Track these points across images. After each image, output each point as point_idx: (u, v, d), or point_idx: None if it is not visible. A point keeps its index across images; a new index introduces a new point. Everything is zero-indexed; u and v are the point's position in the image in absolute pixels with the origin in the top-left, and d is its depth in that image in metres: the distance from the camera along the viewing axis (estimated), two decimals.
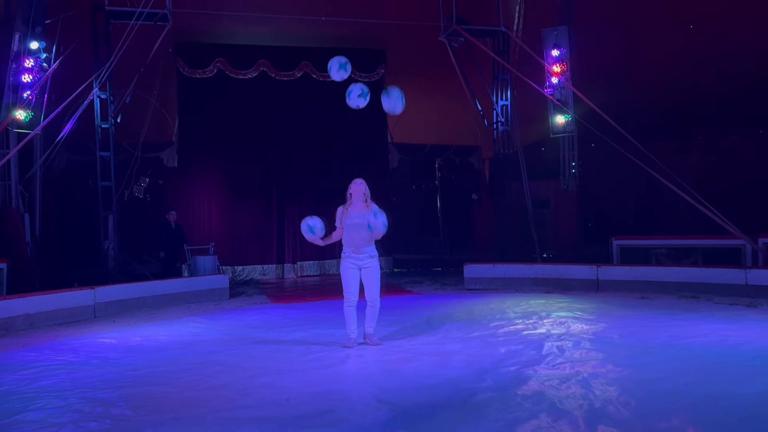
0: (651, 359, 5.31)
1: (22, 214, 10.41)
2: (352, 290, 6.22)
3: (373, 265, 6.25)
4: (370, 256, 6.22)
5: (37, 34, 10.37)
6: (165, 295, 10.07)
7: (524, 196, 13.27)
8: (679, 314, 7.51)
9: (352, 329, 6.31)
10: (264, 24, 14.07)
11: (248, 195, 14.70)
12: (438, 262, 15.84)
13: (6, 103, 10.18)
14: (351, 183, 6.27)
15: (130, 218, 12.89)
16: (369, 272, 6.23)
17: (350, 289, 6.22)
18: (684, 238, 10.92)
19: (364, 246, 6.19)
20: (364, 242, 6.18)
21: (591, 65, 13.51)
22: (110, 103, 11.30)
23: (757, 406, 4.02)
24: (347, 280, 6.23)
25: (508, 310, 8.31)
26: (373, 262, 6.25)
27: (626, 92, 13.65)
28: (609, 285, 10.07)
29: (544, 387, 4.59)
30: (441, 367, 5.33)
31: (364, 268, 6.22)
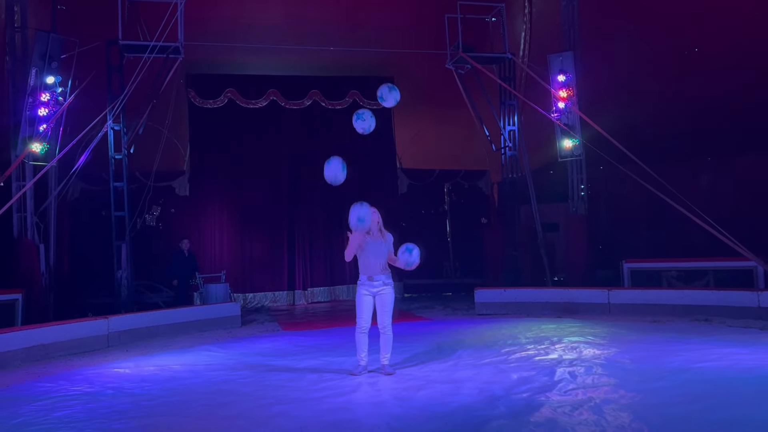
0: (664, 384, 5.30)
1: (37, 245, 10.56)
2: (365, 317, 6.31)
3: (388, 293, 6.34)
4: (384, 283, 6.32)
5: (53, 69, 10.63)
6: (178, 324, 10.13)
7: (534, 220, 13.31)
8: (692, 338, 7.47)
9: (363, 356, 6.40)
10: (274, 54, 14.34)
11: (259, 222, 14.83)
12: (448, 287, 15.85)
13: (22, 137, 10.40)
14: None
15: (143, 247, 13.03)
16: (383, 299, 6.32)
17: (363, 316, 6.32)
18: (695, 260, 10.88)
19: (379, 273, 6.29)
20: (380, 269, 6.29)
21: (597, 89, 13.62)
22: (123, 134, 11.50)
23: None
24: (361, 307, 6.33)
25: (520, 336, 8.30)
26: (388, 289, 6.34)
27: (633, 115, 13.72)
28: (620, 309, 10.04)
29: (556, 414, 4.59)
30: (453, 395, 5.34)
31: (379, 295, 6.31)
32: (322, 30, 14.41)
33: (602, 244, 15.02)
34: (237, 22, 14.18)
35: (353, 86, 15.54)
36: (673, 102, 13.38)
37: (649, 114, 13.74)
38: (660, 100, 13.57)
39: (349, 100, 15.44)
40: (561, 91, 12.68)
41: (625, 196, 14.59)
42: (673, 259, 11.31)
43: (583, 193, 13.54)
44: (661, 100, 13.57)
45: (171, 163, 14.57)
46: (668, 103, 13.46)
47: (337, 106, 15.35)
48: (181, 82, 14.32)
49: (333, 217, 15.11)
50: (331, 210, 15.18)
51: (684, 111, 13.18)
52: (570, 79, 12.69)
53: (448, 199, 16.43)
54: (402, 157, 16.14)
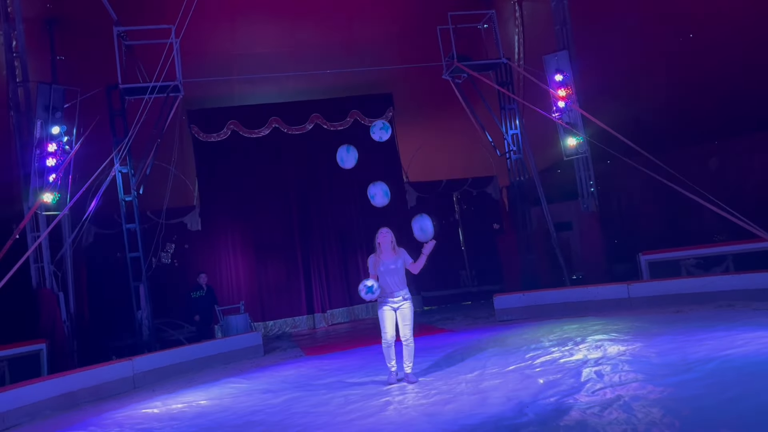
0: (691, 376, 5.24)
1: (56, 294, 10.67)
2: (389, 330, 6.68)
3: (407, 307, 6.71)
4: (403, 298, 6.70)
5: (58, 119, 10.80)
6: (201, 358, 10.18)
7: (546, 221, 13.27)
8: (717, 325, 7.38)
9: (392, 364, 6.80)
10: (272, 83, 14.50)
11: (273, 249, 14.90)
12: (467, 296, 15.79)
13: (33, 188, 10.55)
14: (378, 233, 6.77)
15: (160, 285, 13.11)
16: (403, 313, 6.68)
17: (387, 330, 6.68)
18: (712, 246, 10.77)
19: (398, 289, 6.67)
20: (398, 285, 6.67)
21: (596, 84, 13.62)
22: (131, 176, 11.64)
23: None
24: (384, 322, 6.69)
25: (543, 339, 8.26)
26: (407, 303, 6.71)
27: (635, 106, 13.70)
28: (641, 302, 9.96)
29: (585, 416, 4.56)
30: (481, 405, 5.32)
31: (399, 309, 6.68)
32: (317, 53, 14.58)
33: (617, 239, 14.91)
34: (232, 54, 14.37)
35: (353, 106, 15.66)
36: (673, 89, 13.33)
37: (650, 104, 13.70)
38: (660, 89, 13.53)
39: (350, 120, 15.54)
40: (560, 90, 12.68)
41: (636, 188, 14.53)
42: (690, 246, 11.17)
43: (592, 190, 13.48)
44: (661, 89, 13.53)
45: (181, 199, 14.71)
46: (669, 91, 13.42)
47: (339, 127, 15.45)
48: (183, 119, 14.51)
49: (345, 237, 15.17)
50: (343, 230, 15.26)
51: (685, 96, 13.12)
52: (567, 77, 12.70)
53: (458, 208, 16.43)
54: (408, 170, 16.19)
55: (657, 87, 13.50)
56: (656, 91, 13.57)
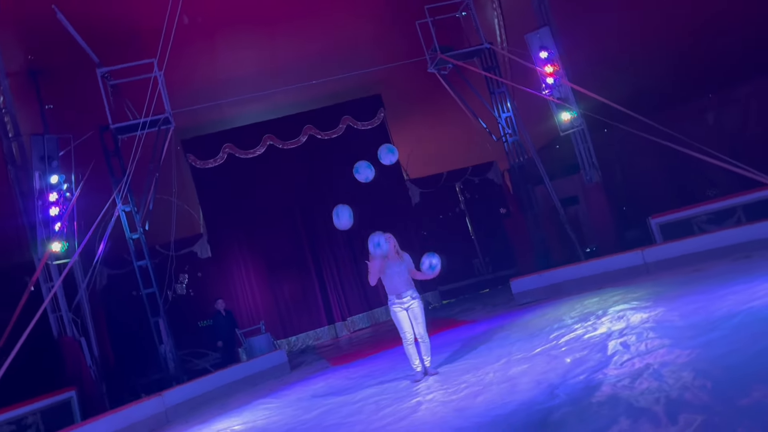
0: (717, 334, 5.20)
1: (78, 340, 10.72)
2: (407, 329, 6.91)
3: (417, 305, 6.94)
4: (412, 297, 6.93)
5: (54, 168, 10.85)
6: (230, 384, 10.23)
7: (551, 198, 13.22)
8: (736, 279, 7.30)
9: (417, 363, 7.01)
10: (261, 101, 14.51)
11: (285, 265, 14.93)
12: (484, 284, 15.77)
13: (40, 239, 10.61)
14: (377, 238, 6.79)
15: (180, 317, 13.17)
16: (414, 311, 6.92)
17: (404, 329, 6.92)
18: (721, 200, 10.66)
19: (405, 290, 6.90)
20: (405, 286, 6.90)
21: (582, 55, 13.56)
22: (135, 213, 11.68)
23: None
24: (399, 323, 6.95)
25: (564, 317, 8.22)
26: (416, 302, 6.95)
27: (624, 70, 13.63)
28: (658, 266, 9.90)
29: (616, 389, 4.54)
30: (511, 393, 5.31)
31: (410, 309, 6.91)
32: (300, 66, 14.57)
33: (625, 205, 14.85)
34: (217, 79, 14.39)
35: (344, 112, 15.67)
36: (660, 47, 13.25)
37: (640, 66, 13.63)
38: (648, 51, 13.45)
39: (342, 126, 15.56)
40: (546, 67, 12.64)
41: (636, 153, 14.44)
42: (698, 204, 11.09)
43: (593, 161, 13.43)
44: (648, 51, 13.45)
45: (187, 228, 14.78)
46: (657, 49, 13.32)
47: (333, 135, 15.47)
48: (178, 149, 14.54)
49: (355, 244, 15.16)
50: (351, 237, 15.24)
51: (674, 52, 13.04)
52: (552, 54, 12.65)
53: (462, 197, 16.41)
54: (407, 168, 16.18)
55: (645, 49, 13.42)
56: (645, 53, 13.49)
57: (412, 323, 6.90)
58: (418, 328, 6.89)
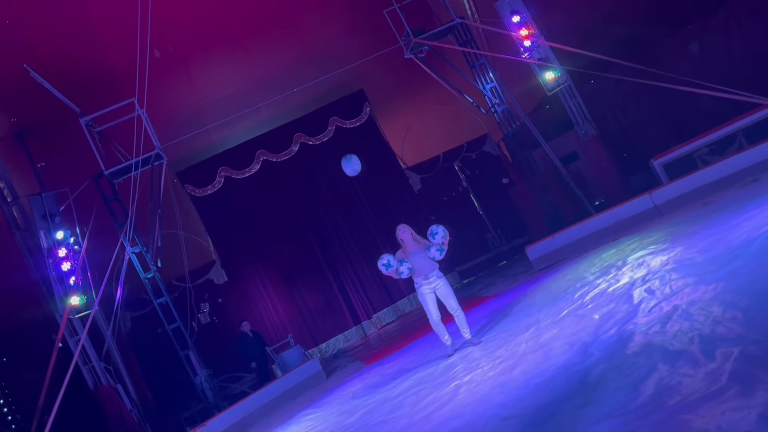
0: (739, 262, 5.15)
1: (114, 387, 10.80)
2: (433, 310, 7.31)
3: (443, 284, 7.31)
4: (437, 277, 7.27)
5: (58, 224, 10.92)
6: (270, 401, 10.28)
7: (551, 159, 13.17)
8: (747, 205, 7.22)
9: (446, 338, 7.49)
10: (248, 118, 14.52)
11: (301, 275, 14.99)
12: (500, 257, 15.75)
13: (59, 296, 10.69)
14: (397, 230, 7.30)
15: (209, 345, 13.25)
16: (442, 290, 7.28)
17: (431, 310, 7.32)
18: (718, 129, 10.56)
19: (431, 270, 7.22)
20: (430, 267, 7.21)
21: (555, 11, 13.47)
22: (145, 253, 11.73)
23: None
24: (426, 304, 7.33)
25: (585, 274, 8.19)
26: (442, 281, 7.32)
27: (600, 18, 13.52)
28: (668, 206, 9.84)
29: (649, 337, 4.54)
30: (546, 360, 5.32)
31: (437, 289, 7.26)
32: (279, 76, 14.56)
33: (626, 152, 14.77)
34: (200, 104, 14.43)
35: (331, 113, 15.65)
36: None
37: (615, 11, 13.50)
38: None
39: (331, 128, 15.54)
40: (521, 30, 12.58)
41: (627, 97, 14.32)
42: (697, 137, 11.00)
43: (586, 114, 13.37)
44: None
45: (200, 258, 14.84)
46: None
47: (324, 138, 15.46)
48: (175, 182, 14.59)
49: (366, 240, 15.19)
50: (361, 235, 15.30)
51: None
52: (525, 17, 12.59)
53: (463, 175, 16.38)
54: (403, 157, 16.17)
55: None
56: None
57: (443, 302, 7.25)
58: (450, 304, 7.23)
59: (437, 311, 7.31)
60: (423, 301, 7.35)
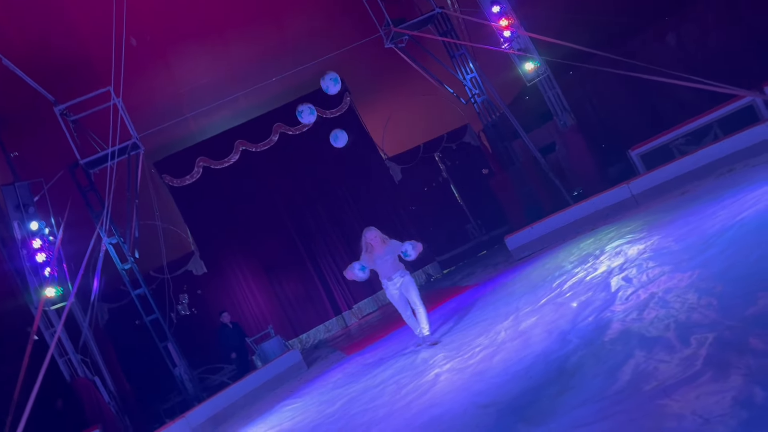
0: (714, 251, 5.24)
1: (91, 379, 10.68)
2: (402, 307, 7.59)
3: (407, 280, 7.49)
4: (401, 276, 7.48)
5: (32, 215, 10.72)
6: (250, 392, 10.24)
7: (530, 150, 13.23)
8: (723, 194, 7.35)
9: (417, 330, 7.68)
10: (227, 108, 14.34)
11: (282, 266, 14.92)
12: (480, 246, 15.84)
13: (33, 288, 10.51)
14: (366, 235, 7.39)
15: (188, 337, 13.14)
16: (405, 287, 7.48)
17: (400, 308, 7.62)
18: (694, 120, 10.71)
19: (394, 272, 7.46)
20: (393, 269, 7.45)
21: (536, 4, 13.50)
22: (122, 244, 11.58)
23: None
24: (395, 303, 7.63)
25: (564, 263, 8.28)
26: (406, 277, 7.50)
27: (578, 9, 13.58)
28: (645, 196, 9.97)
29: (626, 324, 4.59)
30: (525, 348, 5.36)
31: (402, 286, 7.46)
32: (258, 64, 14.39)
33: (604, 143, 14.89)
34: (177, 93, 14.22)
35: (311, 103, 15.42)
36: None
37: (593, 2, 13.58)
38: None
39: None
40: (501, 21, 12.59)
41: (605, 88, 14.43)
42: (674, 128, 11.14)
43: (564, 105, 13.44)
44: None
45: (178, 249, 14.70)
46: None
47: (304, 128, 15.35)
48: (153, 172, 14.41)
49: (346, 230, 15.16)
50: (341, 225, 15.26)
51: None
52: (505, 7, 12.60)
53: (443, 166, 16.42)
54: (383, 147, 16.14)
55: None
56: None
57: (407, 297, 7.47)
58: (412, 298, 7.44)
59: (407, 307, 7.56)
60: (393, 301, 7.63)
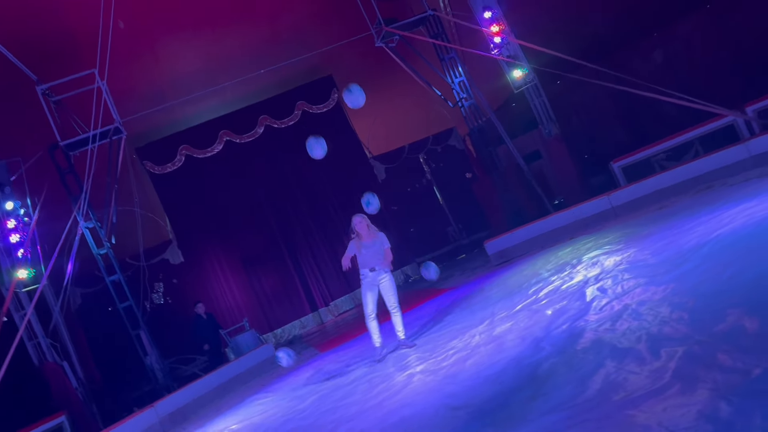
0: (688, 266, 5.31)
1: (60, 364, 10.53)
2: (371, 304, 7.24)
3: (389, 279, 7.28)
4: (384, 272, 7.27)
5: (8, 195, 10.54)
6: (221, 385, 10.17)
7: (514, 157, 13.31)
8: (700, 210, 7.47)
9: (376, 339, 7.34)
10: (212, 97, 14.22)
11: (260, 259, 14.83)
12: (460, 250, 15.90)
13: (5, 268, 10.33)
14: (354, 222, 7.22)
15: (161, 326, 13.02)
16: (386, 285, 7.25)
17: (369, 304, 7.24)
18: (676, 135, 10.86)
19: (379, 264, 7.19)
20: (377, 261, 7.19)
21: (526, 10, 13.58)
22: (99, 228, 11.44)
23: None
24: (366, 297, 7.26)
25: (541, 270, 8.34)
26: (388, 276, 7.29)
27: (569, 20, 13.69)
28: (625, 208, 10.09)
29: (599, 333, 4.64)
30: (498, 352, 5.39)
31: (381, 284, 7.23)
32: (247, 55, 14.28)
33: (587, 153, 15.03)
34: (163, 80, 14.05)
35: (298, 97, 15.49)
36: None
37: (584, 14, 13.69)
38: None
39: (297, 113, 15.39)
40: (492, 26, 12.64)
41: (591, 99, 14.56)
42: (656, 143, 11.28)
43: (550, 114, 13.54)
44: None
45: (156, 237, 14.53)
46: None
47: (289, 122, 15.30)
48: (134, 158, 14.24)
49: (327, 227, 15.13)
50: (323, 221, 15.22)
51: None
52: (496, 13, 12.66)
53: (428, 167, 16.45)
54: (369, 146, 16.12)
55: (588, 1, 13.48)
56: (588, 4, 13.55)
57: (384, 297, 7.24)
58: (391, 300, 7.22)
59: (375, 307, 7.24)
60: (364, 294, 7.27)
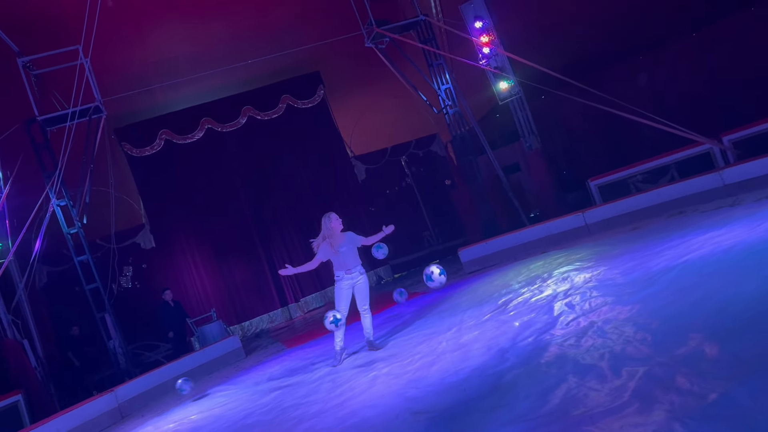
0: (655, 288, 5.40)
1: (20, 341, 10.33)
2: (343, 307, 7.11)
3: (364, 280, 7.24)
4: (360, 273, 7.20)
5: None
6: (183, 374, 10.02)
7: (494, 167, 13.42)
8: (671, 234, 7.61)
9: (338, 341, 7.26)
10: (197, 84, 14.10)
11: (233, 250, 14.72)
12: (434, 255, 15.96)
13: None
14: (330, 219, 7.07)
15: (127, 310, 12.86)
16: (361, 286, 7.19)
17: (341, 307, 7.10)
18: (654, 159, 11.05)
19: (354, 265, 7.15)
20: (354, 262, 7.14)
21: (516, 23, 13.72)
22: (71, 207, 11.26)
23: (763, 302, 4.14)
24: (340, 299, 7.13)
25: (512, 282, 8.41)
26: (363, 277, 7.24)
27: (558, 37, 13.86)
28: (598, 226, 10.23)
29: (563, 348, 4.69)
30: (464, 360, 5.42)
31: (357, 284, 7.16)
32: (234, 45, 14.19)
33: (565, 170, 15.23)
34: (147, 62, 13.88)
35: (283, 90, 15.42)
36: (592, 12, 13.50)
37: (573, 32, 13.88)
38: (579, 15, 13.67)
39: (282, 106, 15.33)
40: (482, 37, 12.74)
41: (573, 117, 14.80)
42: (634, 164, 11.47)
43: (533, 128, 13.68)
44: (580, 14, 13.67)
45: (128, 220, 14.35)
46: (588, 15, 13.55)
47: (273, 115, 15.23)
48: (113, 138, 14.05)
49: (303, 223, 15.08)
50: (299, 217, 15.16)
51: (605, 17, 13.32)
52: (487, 24, 12.76)
53: (408, 171, 16.50)
54: (351, 145, 16.11)
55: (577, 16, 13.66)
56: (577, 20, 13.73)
57: (356, 298, 7.19)
58: (363, 302, 7.20)
59: (346, 310, 7.12)
60: (338, 295, 7.13)
